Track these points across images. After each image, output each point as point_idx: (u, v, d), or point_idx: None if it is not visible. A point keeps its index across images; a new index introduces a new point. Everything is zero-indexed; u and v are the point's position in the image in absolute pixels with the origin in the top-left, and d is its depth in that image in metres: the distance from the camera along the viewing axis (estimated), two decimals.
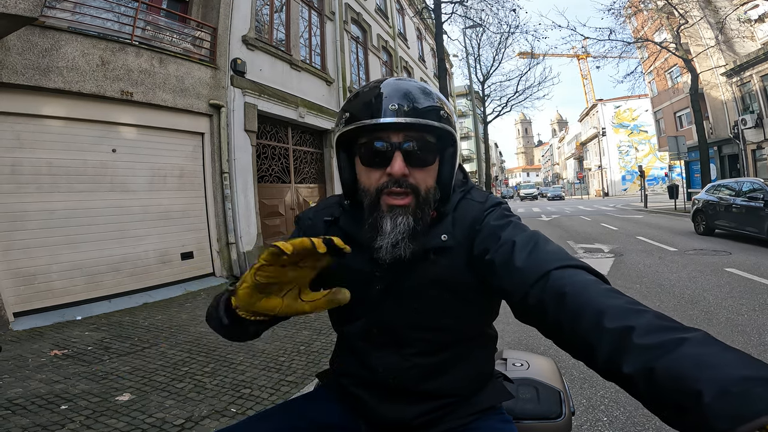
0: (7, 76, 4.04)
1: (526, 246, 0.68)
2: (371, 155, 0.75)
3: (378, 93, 0.74)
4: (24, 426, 2.14)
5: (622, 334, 0.48)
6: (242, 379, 2.75)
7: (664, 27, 17.23)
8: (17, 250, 4.23)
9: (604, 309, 0.52)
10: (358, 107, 0.75)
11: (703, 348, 0.43)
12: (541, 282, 0.61)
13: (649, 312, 0.50)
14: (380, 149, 0.73)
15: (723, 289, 4.42)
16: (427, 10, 14.81)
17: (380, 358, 0.80)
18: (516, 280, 0.65)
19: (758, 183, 7.41)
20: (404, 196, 0.73)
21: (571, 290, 0.57)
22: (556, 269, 0.62)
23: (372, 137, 0.74)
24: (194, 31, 6.30)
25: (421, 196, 0.74)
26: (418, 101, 0.73)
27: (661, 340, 0.45)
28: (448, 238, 0.76)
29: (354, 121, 0.74)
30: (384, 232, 0.73)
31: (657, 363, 0.43)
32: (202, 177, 6.30)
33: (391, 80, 0.77)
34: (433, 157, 0.76)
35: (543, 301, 0.59)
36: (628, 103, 37.24)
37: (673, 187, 16.26)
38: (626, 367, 0.46)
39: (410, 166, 0.73)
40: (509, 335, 3.39)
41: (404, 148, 0.72)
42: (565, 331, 0.56)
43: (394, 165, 0.72)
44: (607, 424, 2.07)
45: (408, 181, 0.73)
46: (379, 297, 0.79)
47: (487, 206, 0.79)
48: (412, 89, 0.75)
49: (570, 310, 0.55)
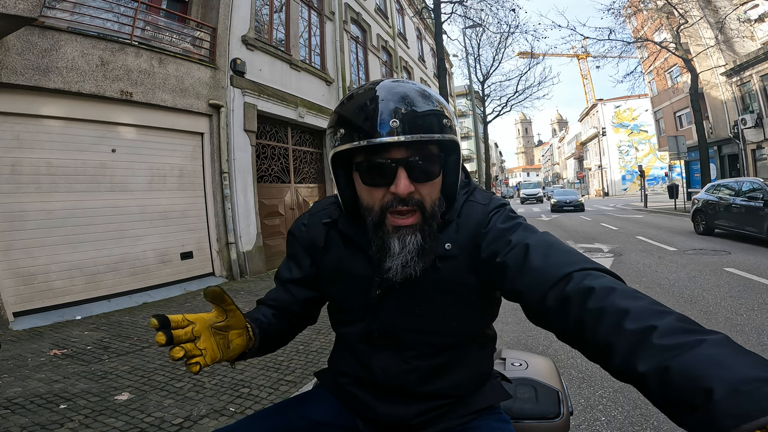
0: (6, 77, 4.04)
1: (541, 248, 0.67)
2: (373, 174, 0.70)
3: (375, 104, 0.68)
4: (23, 425, 2.14)
5: (643, 334, 0.48)
6: (241, 378, 2.75)
7: (663, 27, 17.23)
8: (17, 250, 4.23)
9: (627, 310, 0.52)
10: (355, 120, 0.70)
11: (719, 349, 0.43)
12: (561, 284, 0.61)
13: (673, 314, 0.50)
14: (382, 167, 0.69)
15: (722, 289, 4.42)
16: (426, 10, 14.80)
17: (380, 360, 0.80)
18: (533, 282, 0.64)
19: (758, 183, 7.41)
20: (410, 215, 0.70)
21: (596, 292, 0.57)
22: (577, 271, 0.61)
23: (372, 155, 0.70)
24: (194, 31, 6.30)
25: (427, 212, 0.71)
26: (420, 111, 0.68)
27: (680, 341, 0.46)
28: (452, 247, 0.75)
29: (351, 138, 0.69)
30: (393, 253, 0.70)
31: (672, 362, 0.44)
32: (201, 177, 6.30)
33: (387, 83, 0.72)
34: (438, 168, 0.73)
35: (564, 303, 0.59)
36: (628, 103, 37.23)
37: (673, 186, 16.26)
38: (641, 366, 0.46)
39: (414, 181, 0.69)
40: (508, 335, 3.39)
41: (409, 165, 0.69)
42: (587, 331, 0.56)
43: (398, 184, 0.68)
44: (605, 423, 2.07)
45: (414, 198, 0.70)
46: (379, 301, 0.78)
47: (490, 208, 0.78)
48: (411, 96, 0.69)
49: (592, 310, 0.55)
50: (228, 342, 0.69)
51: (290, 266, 0.90)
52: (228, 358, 0.69)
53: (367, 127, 0.67)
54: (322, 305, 0.94)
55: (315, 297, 0.90)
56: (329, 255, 0.84)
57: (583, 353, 0.58)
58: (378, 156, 0.69)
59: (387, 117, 0.67)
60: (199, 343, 0.63)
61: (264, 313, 0.84)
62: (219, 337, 0.67)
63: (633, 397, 2.27)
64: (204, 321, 0.66)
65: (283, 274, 0.90)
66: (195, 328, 0.63)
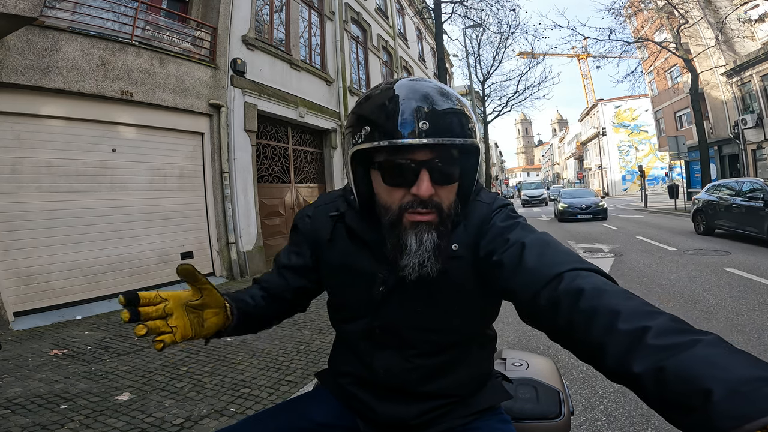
0: (6, 76, 4.04)
1: (536, 247, 0.68)
2: (394, 174, 0.70)
3: (396, 103, 0.67)
4: (23, 425, 2.14)
5: (636, 335, 0.48)
6: (242, 378, 2.75)
7: (664, 27, 17.22)
8: (17, 250, 4.23)
9: (619, 310, 0.52)
10: (377, 119, 0.69)
11: (714, 349, 0.43)
12: (554, 283, 0.61)
13: (665, 315, 0.50)
14: (405, 168, 0.69)
15: (723, 289, 4.42)
16: (427, 9, 14.80)
17: (381, 358, 0.80)
18: (526, 280, 0.64)
19: (758, 183, 7.41)
20: (428, 214, 0.70)
21: (586, 292, 0.57)
22: (568, 271, 0.62)
23: (395, 155, 0.69)
24: (194, 31, 6.30)
25: (444, 213, 0.71)
26: (443, 112, 0.68)
27: (674, 341, 0.45)
28: (459, 247, 0.76)
29: (373, 137, 0.68)
30: (410, 251, 0.70)
31: (667, 362, 0.44)
32: (202, 177, 6.29)
33: (406, 82, 0.71)
34: (458, 171, 0.73)
35: (555, 302, 0.59)
36: (629, 103, 37.21)
37: (673, 186, 16.27)
38: (636, 367, 0.46)
39: (435, 183, 0.69)
40: (509, 335, 3.39)
41: (432, 167, 0.69)
42: (577, 331, 0.56)
43: (420, 186, 0.68)
44: (606, 423, 2.07)
45: (434, 201, 0.70)
46: (383, 298, 0.78)
47: (494, 207, 0.79)
48: (433, 96, 0.68)
49: (584, 310, 0.55)
50: (203, 320, 0.71)
51: (290, 253, 0.91)
52: (201, 335, 0.71)
53: (389, 126, 0.67)
54: (314, 296, 0.95)
55: (309, 288, 0.91)
56: (335, 248, 0.84)
57: (575, 354, 0.58)
58: (400, 156, 0.69)
59: (410, 117, 0.66)
60: (170, 321, 0.65)
61: (253, 295, 0.86)
62: (193, 315, 0.69)
63: (634, 397, 2.25)
64: (178, 299, 0.67)
65: (282, 259, 0.91)
66: (167, 306, 0.65)
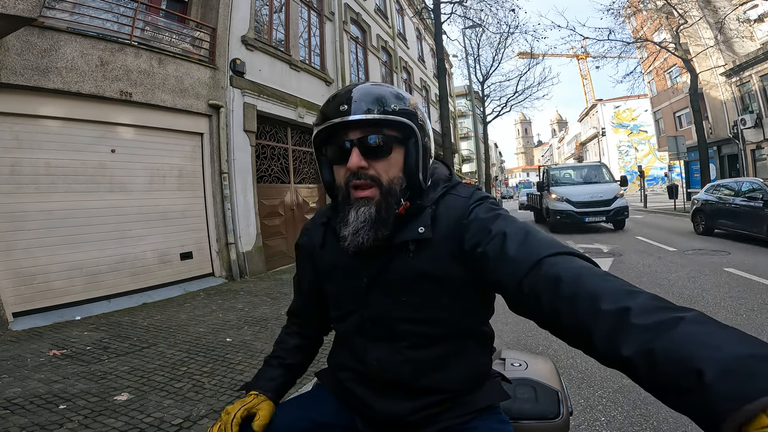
0: (5, 77, 4.04)
1: (518, 236, 0.68)
2: (336, 154, 0.81)
3: (334, 96, 0.81)
4: (22, 425, 2.14)
5: (619, 315, 0.49)
6: (241, 378, 2.75)
7: (663, 27, 17.24)
8: (17, 250, 4.23)
9: (599, 292, 0.53)
10: (323, 109, 0.81)
11: (700, 327, 0.43)
12: (535, 270, 0.62)
13: (644, 293, 0.51)
14: (340, 146, 0.79)
15: (722, 289, 4.42)
16: (426, 10, 14.81)
17: (374, 351, 0.82)
18: (509, 270, 0.65)
19: (758, 183, 7.41)
20: (367, 188, 0.77)
21: (565, 276, 0.58)
22: (548, 257, 0.62)
23: (335, 138, 0.80)
24: (193, 32, 6.30)
25: (384, 187, 0.78)
26: (372, 97, 0.77)
27: (657, 319, 0.46)
28: (426, 230, 0.77)
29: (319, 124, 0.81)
30: (348, 223, 0.77)
31: (656, 343, 0.43)
32: (201, 177, 6.30)
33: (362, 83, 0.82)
34: (390, 147, 0.79)
35: (537, 289, 0.60)
36: (628, 103, 37.26)
37: (672, 187, 16.24)
38: (625, 350, 0.46)
39: (369, 158, 0.77)
40: (508, 335, 3.39)
41: (361, 143, 0.77)
42: (562, 318, 0.56)
43: (351, 159, 0.77)
44: (605, 424, 2.07)
45: (367, 173, 0.77)
46: (367, 288, 0.81)
47: (472, 200, 0.80)
48: (373, 90, 0.79)
49: (565, 296, 0.56)
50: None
51: (301, 277, 0.99)
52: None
53: (325, 112, 0.79)
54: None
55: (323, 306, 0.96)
56: (326, 252, 0.89)
57: (563, 339, 0.59)
58: (338, 138, 0.79)
59: (337, 102, 0.78)
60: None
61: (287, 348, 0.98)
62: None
63: (633, 397, 2.27)
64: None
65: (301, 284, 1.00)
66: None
